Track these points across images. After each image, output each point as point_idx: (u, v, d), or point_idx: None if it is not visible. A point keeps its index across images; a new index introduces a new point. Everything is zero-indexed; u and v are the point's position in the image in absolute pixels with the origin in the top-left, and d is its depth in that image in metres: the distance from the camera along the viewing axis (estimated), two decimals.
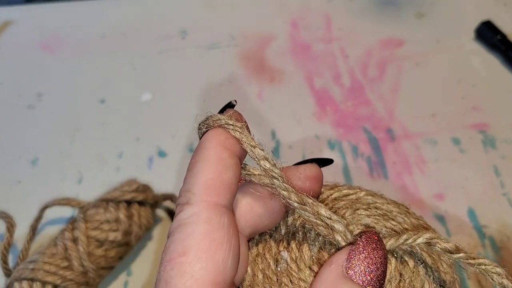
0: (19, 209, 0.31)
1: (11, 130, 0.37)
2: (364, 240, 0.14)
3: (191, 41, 0.44)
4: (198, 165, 0.14)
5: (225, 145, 0.15)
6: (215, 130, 0.15)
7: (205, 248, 0.13)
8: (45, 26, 0.47)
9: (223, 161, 0.14)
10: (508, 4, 0.46)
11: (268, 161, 0.15)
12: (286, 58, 0.42)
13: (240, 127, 0.15)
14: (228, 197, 0.14)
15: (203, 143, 0.15)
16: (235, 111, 0.16)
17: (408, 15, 0.46)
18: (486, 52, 0.41)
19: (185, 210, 0.14)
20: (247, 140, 0.15)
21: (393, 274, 0.16)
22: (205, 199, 0.14)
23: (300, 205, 0.15)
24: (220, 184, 0.14)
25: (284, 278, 0.16)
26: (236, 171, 0.15)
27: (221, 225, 0.13)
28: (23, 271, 0.26)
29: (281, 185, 0.15)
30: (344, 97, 0.38)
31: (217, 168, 0.14)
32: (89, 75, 0.42)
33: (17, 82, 0.41)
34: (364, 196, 0.19)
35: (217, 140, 0.15)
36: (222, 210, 0.14)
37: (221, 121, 0.15)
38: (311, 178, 0.17)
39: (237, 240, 0.14)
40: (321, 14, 0.46)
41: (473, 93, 0.38)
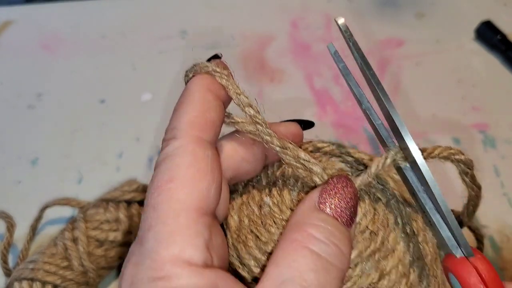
0: (19, 209, 0.31)
1: (11, 130, 0.37)
2: (335, 179, 0.15)
3: (191, 41, 0.44)
4: (183, 105, 0.15)
5: (210, 88, 0.16)
6: (201, 75, 0.16)
7: (190, 176, 0.14)
8: (45, 26, 0.47)
9: (207, 101, 0.15)
10: (508, 4, 0.46)
11: (252, 108, 0.16)
12: (286, 58, 0.42)
13: (227, 74, 0.16)
14: (212, 134, 0.15)
15: (189, 85, 0.16)
16: (221, 61, 0.17)
17: (408, 15, 0.46)
18: (486, 52, 0.41)
19: (171, 144, 0.14)
20: (233, 87, 0.16)
21: (367, 209, 0.17)
22: (190, 134, 0.14)
23: (281, 149, 0.16)
24: (204, 121, 0.15)
25: (268, 220, 0.17)
26: (219, 113, 0.15)
27: (205, 157, 0.14)
28: (23, 271, 0.26)
29: (264, 130, 0.16)
30: (344, 97, 0.38)
31: (201, 108, 0.15)
32: (89, 75, 0.42)
33: (17, 82, 0.41)
34: (337, 148, 0.20)
35: (203, 84, 0.16)
36: (206, 144, 0.15)
37: (208, 68, 0.16)
38: (292, 134, 0.18)
39: (220, 174, 0.15)
40: (321, 14, 0.46)
41: (473, 93, 0.38)
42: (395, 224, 0.17)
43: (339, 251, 0.14)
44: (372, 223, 0.17)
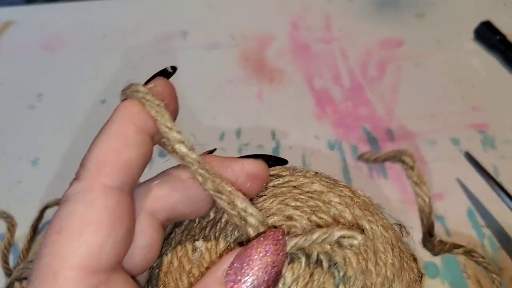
0: (19, 209, 0.31)
1: (12, 130, 0.37)
2: (260, 240, 0.13)
3: (192, 41, 0.44)
4: (99, 138, 0.13)
5: (133, 119, 0.13)
6: (128, 102, 0.14)
7: (80, 229, 0.12)
8: (46, 26, 0.47)
9: (125, 137, 0.13)
10: (507, 4, 0.46)
11: (185, 145, 0.14)
12: (286, 58, 0.42)
13: (158, 104, 0.13)
14: (123, 178, 0.13)
15: (112, 114, 0.14)
16: (166, 81, 0.15)
17: (408, 15, 0.46)
18: (485, 52, 0.41)
19: (73, 185, 0.13)
20: (163, 119, 0.13)
21: (300, 274, 0.14)
22: (94, 178, 0.13)
23: (215, 192, 0.14)
24: (114, 162, 0.13)
25: (194, 269, 0.15)
26: (141, 150, 0.13)
27: (105, 208, 0.12)
28: (24, 270, 0.26)
29: (196, 170, 0.13)
30: (344, 97, 0.38)
31: (115, 144, 0.13)
32: (90, 75, 0.42)
33: (17, 82, 0.42)
34: (305, 184, 0.17)
35: (126, 113, 0.13)
36: (110, 192, 0.13)
37: (138, 94, 0.14)
38: (251, 175, 0.15)
39: (127, 225, 0.13)
40: (321, 14, 0.47)
41: (472, 93, 0.38)
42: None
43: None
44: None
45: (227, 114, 0.37)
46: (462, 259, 0.28)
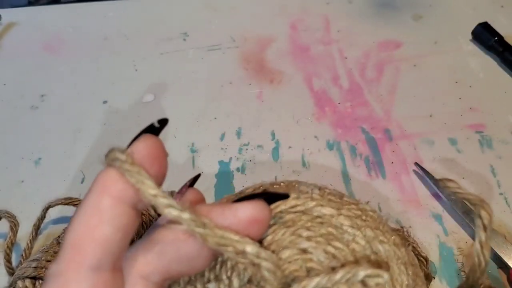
0: (22, 208, 0.32)
1: (14, 131, 0.38)
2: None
3: (192, 42, 0.45)
4: (76, 214, 0.13)
5: (110, 191, 0.12)
6: (105, 172, 0.13)
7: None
8: (48, 28, 0.47)
9: (100, 212, 0.12)
10: (505, 6, 0.46)
11: (174, 207, 0.12)
12: (285, 60, 0.42)
13: (137, 172, 0.12)
14: (100, 257, 0.12)
15: (91, 186, 0.13)
16: (151, 140, 0.13)
17: (406, 17, 0.46)
18: (483, 53, 0.42)
19: (51, 265, 0.12)
20: (145, 187, 0.12)
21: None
22: (70, 259, 0.12)
23: (219, 246, 0.12)
24: (90, 241, 0.12)
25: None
26: (119, 223, 0.12)
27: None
28: (26, 269, 0.26)
29: (194, 230, 0.12)
30: (342, 98, 0.39)
31: (90, 221, 0.12)
32: (92, 76, 0.42)
33: (20, 83, 0.42)
34: (314, 207, 0.16)
35: (102, 185, 0.12)
36: (85, 275, 0.12)
37: (116, 162, 0.12)
38: (252, 221, 0.13)
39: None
40: (320, 16, 0.47)
41: (470, 94, 0.38)
42: None
43: None
44: None
45: (228, 115, 0.38)
46: (460, 258, 0.29)
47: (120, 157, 0.13)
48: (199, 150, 0.35)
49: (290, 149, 0.35)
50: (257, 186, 0.18)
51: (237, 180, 0.32)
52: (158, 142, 0.14)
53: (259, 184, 0.18)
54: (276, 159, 0.34)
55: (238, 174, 0.33)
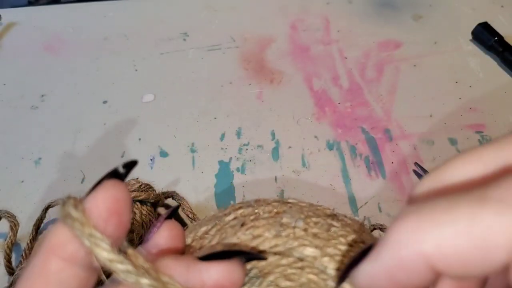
0: (22, 208, 0.32)
1: (15, 131, 0.38)
2: None
3: (192, 42, 0.45)
4: (23, 275, 0.11)
5: (58, 252, 0.11)
6: (56, 229, 0.11)
7: None
8: (48, 28, 0.47)
9: (46, 276, 0.11)
10: (505, 6, 0.46)
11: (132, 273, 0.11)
12: (285, 60, 0.42)
13: (90, 234, 0.11)
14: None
15: (42, 243, 0.11)
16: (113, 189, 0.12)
17: (406, 17, 0.46)
18: (483, 53, 0.42)
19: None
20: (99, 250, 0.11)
21: None
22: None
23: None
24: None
25: None
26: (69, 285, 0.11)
27: None
28: None
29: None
30: (342, 98, 0.39)
31: (35, 285, 0.11)
32: (92, 76, 0.42)
33: (20, 83, 0.42)
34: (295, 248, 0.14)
35: (51, 244, 0.11)
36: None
37: (68, 220, 0.11)
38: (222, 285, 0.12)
39: None
40: (320, 16, 0.47)
41: (470, 94, 0.38)
42: None
43: None
44: None
45: (228, 115, 0.38)
46: None
47: (72, 214, 0.11)
48: (199, 150, 0.35)
49: (290, 149, 0.35)
50: (237, 207, 0.16)
51: (237, 180, 0.32)
52: (120, 193, 0.12)
53: (238, 205, 0.16)
54: (276, 159, 0.34)
55: (238, 174, 0.33)
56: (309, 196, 0.31)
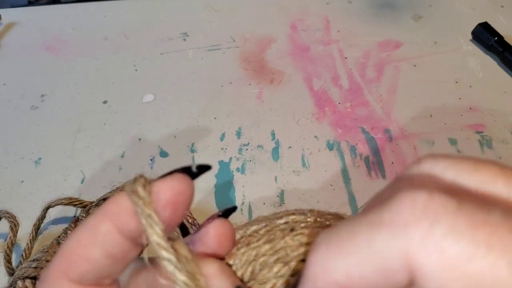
0: (22, 208, 0.32)
1: (15, 131, 0.38)
2: None
3: (192, 42, 0.45)
4: (77, 227, 0.13)
5: (113, 218, 0.12)
6: (118, 199, 0.12)
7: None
8: (48, 28, 0.47)
9: (95, 234, 0.12)
10: (505, 6, 0.47)
11: (172, 264, 0.12)
12: (285, 60, 0.42)
13: (149, 215, 0.12)
14: (84, 273, 0.12)
15: (103, 205, 0.13)
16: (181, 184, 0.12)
17: (406, 17, 0.46)
18: (483, 53, 0.42)
19: (43, 272, 0.13)
20: (151, 231, 0.12)
21: None
22: (55, 268, 0.12)
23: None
24: (77, 256, 0.12)
25: None
26: (110, 250, 0.12)
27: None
28: (26, 269, 0.26)
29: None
30: (342, 98, 0.39)
31: (83, 238, 0.12)
32: (92, 76, 0.42)
33: (20, 83, 0.42)
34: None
35: (108, 210, 0.12)
36: (72, 284, 0.12)
37: (133, 196, 0.12)
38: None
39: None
40: (320, 16, 0.47)
41: (470, 94, 0.38)
42: None
43: None
44: None
45: (228, 115, 0.38)
46: None
47: (139, 192, 0.12)
48: (199, 150, 0.35)
49: (290, 149, 0.35)
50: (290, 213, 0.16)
51: (237, 180, 0.32)
52: (185, 188, 0.13)
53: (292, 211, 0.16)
54: (276, 159, 0.34)
55: (238, 174, 0.33)
56: (309, 196, 0.31)
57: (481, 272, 0.08)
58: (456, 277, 0.08)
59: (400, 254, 0.09)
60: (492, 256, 0.08)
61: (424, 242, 0.09)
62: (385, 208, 0.10)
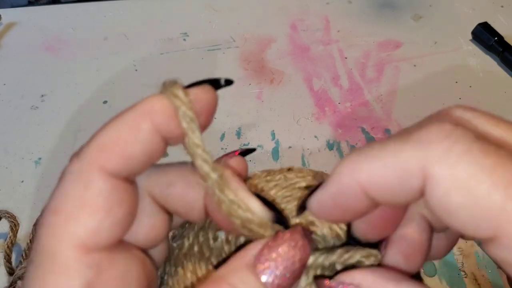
0: (22, 208, 0.32)
1: (15, 131, 0.38)
2: (286, 237, 0.13)
3: (192, 42, 0.45)
4: (113, 120, 0.13)
5: (153, 117, 0.13)
6: (159, 98, 0.13)
7: (77, 212, 0.12)
8: (48, 27, 0.47)
9: (136, 130, 0.12)
10: (504, 6, 0.46)
11: (208, 164, 0.13)
12: (285, 60, 0.42)
13: (191, 119, 0.13)
14: (122, 167, 0.12)
15: (138, 102, 0.13)
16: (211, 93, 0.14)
17: (406, 17, 0.46)
18: (483, 53, 0.42)
19: (72, 163, 0.13)
20: (192, 134, 0.13)
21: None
22: (93, 160, 0.12)
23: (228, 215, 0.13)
24: (117, 150, 0.12)
25: (213, 258, 0.15)
26: (148, 148, 0.13)
27: (100, 192, 0.12)
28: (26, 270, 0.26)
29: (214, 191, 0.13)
30: (342, 98, 0.39)
31: (123, 133, 0.12)
32: (92, 76, 0.42)
33: (20, 83, 0.42)
34: None
35: (149, 108, 0.13)
36: (106, 177, 0.12)
37: (175, 99, 0.13)
38: None
39: (125, 209, 0.13)
40: (320, 16, 0.47)
41: (470, 94, 0.38)
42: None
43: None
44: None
45: (228, 115, 0.38)
46: (460, 258, 0.29)
47: (181, 97, 0.13)
48: None
49: (290, 149, 0.35)
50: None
51: None
52: (216, 99, 0.14)
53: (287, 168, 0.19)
54: (276, 159, 0.34)
55: None
56: None
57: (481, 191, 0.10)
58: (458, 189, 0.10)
59: (419, 164, 0.11)
60: (493, 179, 0.10)
61: (441, 158, 0.10)
62: (415, 130, 0.11)
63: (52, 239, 0.12)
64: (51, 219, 0.12)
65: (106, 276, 0.12)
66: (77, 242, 0.12)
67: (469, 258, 0.28)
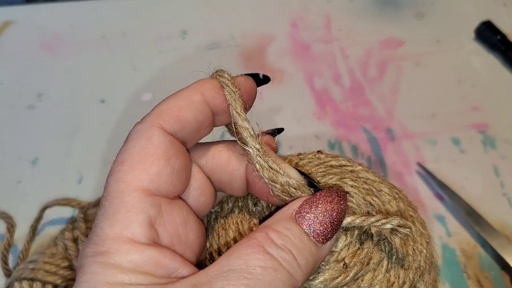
0: (19, 209, 0.31)
1: (11, 130, 0.37)
2: (324, 192, 0.15)
3: (191, 41, 0.44)
4: (171, 96, 0.16)
5: (204, 92, 0.16)
6: (208, 79, 0.16)
7: (140, 160, 0.14)
8: (45, 26, 0.47)
9: (191, 101, 0.16)
10: (508, 4, 0.46)
11: (249, 132, 0.15)
12: (286, 58, 0.42)
13: (234, 92, 0.16)
14: (177, 129, 0.15)
15: (196, 82, 0.16)
16: (252, 83, 0.17)
17: (408, 15, 0.46)
18: (486, 52, 0.41)
19: (136, 126, 0.15)
20: (235, 104, 0.15)
21: (352, 241, 0.16)
22: (153, 121, 0.15)
23: (270, 181, 0.15)
24: (173, 114, 0.15)
25: (255, 219, 0.17)
26: (199, 116, 0.16)
27: (161, 144, 0.15)
28: (23, 271, 0.26)
29: (255, 159, 0.15)
30: (344, 97, 0.38)
31: (179, 103, 0.15)
32: (90, 75, 0.42)
33: (17, 82, 0.41)
34: (360, 170, 0.19)
35: (200, 85, 0.16)
36: (165, 133, 0.15)
37: (221, 77, 0.16)
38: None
39: (182, 161, 0.15)
40: (321, 14, 0.46)
41: (473, 93, 0.38)
42: (378, 265, 0.16)
43: (295, 262, 0.14)
44: (351, 257, 0.16)
45: None
46: (463, 260, 0.28)
47: (225, 76, 0.16)
48: None
49: (291, 149, 0.34)
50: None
51: None
52: (255, 88, 0.17)
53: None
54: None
55: None
56: None
57: None
58: None
59: None
60: None
61: None
62: None
63: (120, 184, 0.14)
64: (118, 168, 0.14)
65: (167, 218, 0.14)
66: (141, 186, 0.14)
67: (471, 260, 0.28)
